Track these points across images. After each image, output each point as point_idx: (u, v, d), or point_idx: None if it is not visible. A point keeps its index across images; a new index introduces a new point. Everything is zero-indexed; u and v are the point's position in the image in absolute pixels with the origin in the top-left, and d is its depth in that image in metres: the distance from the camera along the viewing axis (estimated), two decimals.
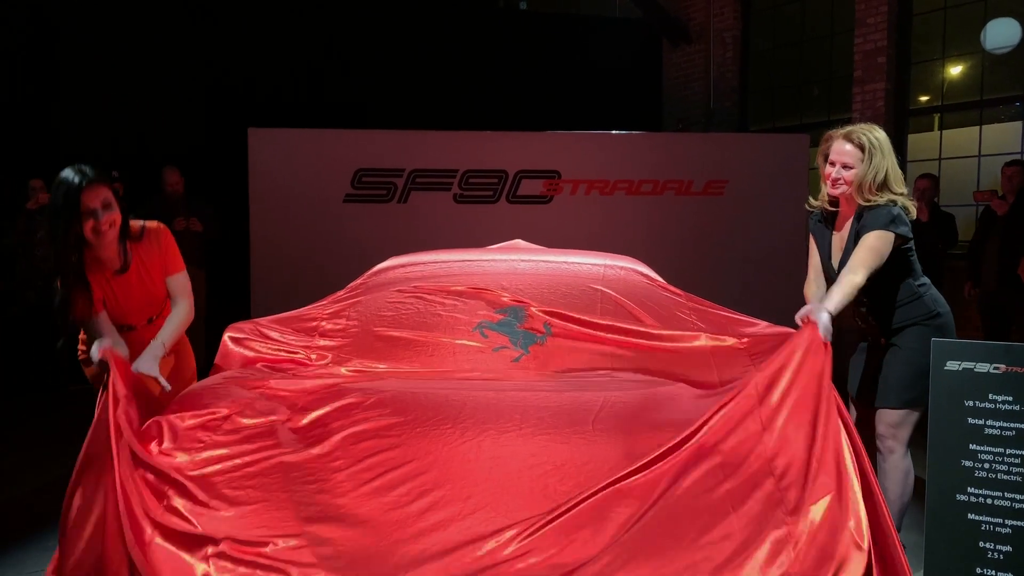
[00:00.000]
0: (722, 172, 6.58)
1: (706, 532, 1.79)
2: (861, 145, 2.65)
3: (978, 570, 2.42)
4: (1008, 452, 2.42)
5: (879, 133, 2.69)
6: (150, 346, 2.62)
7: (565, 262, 3.35)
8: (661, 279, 3.31)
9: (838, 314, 2.37)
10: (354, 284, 3.30)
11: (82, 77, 6.78)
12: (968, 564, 2.43)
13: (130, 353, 2.53)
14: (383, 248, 4.10)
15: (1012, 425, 2.42)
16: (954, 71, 6.90)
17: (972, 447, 2.46)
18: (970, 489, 2.45)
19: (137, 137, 6.95)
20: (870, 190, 2.64)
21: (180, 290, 2.84)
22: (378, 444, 2.09)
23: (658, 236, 6.39)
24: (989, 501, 2.43)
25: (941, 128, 7.01)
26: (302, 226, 6.19)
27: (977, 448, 2.45)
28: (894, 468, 2.74)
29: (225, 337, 2.91)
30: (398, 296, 3.13)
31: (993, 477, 2.43)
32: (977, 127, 6.70)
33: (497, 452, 2.05)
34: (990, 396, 2.45)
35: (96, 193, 2.53)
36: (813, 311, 2.27)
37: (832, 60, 7.66)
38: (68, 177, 2.50)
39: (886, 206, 2.62)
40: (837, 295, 2.45)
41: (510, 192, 6.46)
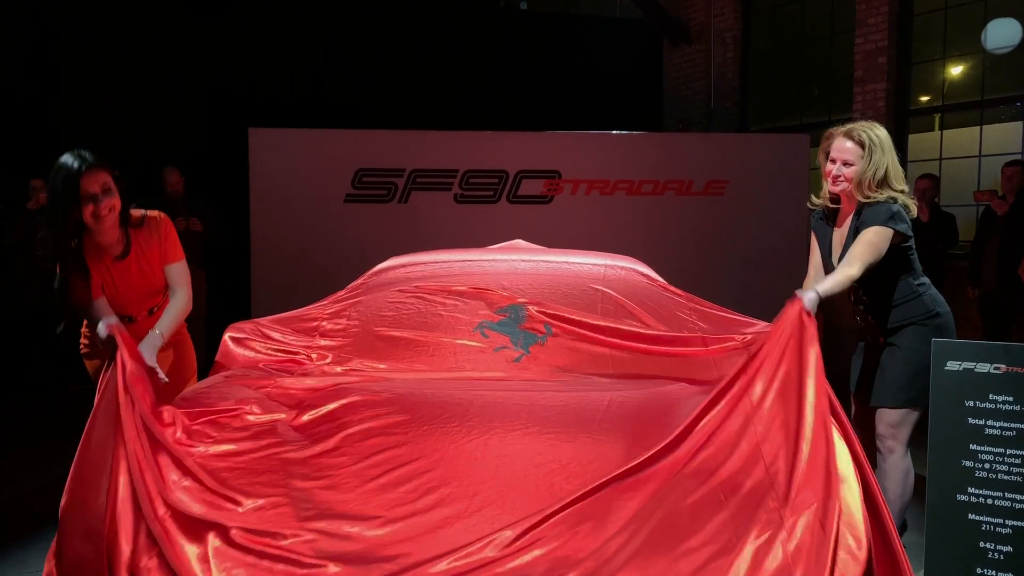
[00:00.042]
0: (722, 172, 6.57)
1: (701, 528, 1.80)
2: (861, 142, 2.66)
3: (978, 570, 2.42)
4: (1008, 452, 2.42)
5: (880, 131, 2.70)
6: (148, 336, 2.60)
7: (566, 262, 3.35)
8: (661, 279, 3.31)
9: (838, 314, 2.37)
10: (355, 284, 3.29)
11: (82, 77, 6.78)
12: (968, 564, 2.43)
13: None
14: (384, 248, 4.09)
15: (1012, 425, 2.42)
16: (955, 71, 6.90)
17: (972, 447, 2.46)
18: (970, 489, 2.45)
19: (137, 137, 6.95)
20: (870, 187, 2.65)
21: (179, 279, 2.80)
22: (385, 441, 2.10)
23: (658, 236, 6.39)
24: (989, 501, 2.43)
25: (942, 128, 7.01)
26: (302, 226, 6.18)
27: (977, 448, 2.46)
28: (894, 468, 2.74)
29: (226, 337, 2.92)
30: (399, 296, 3.13)
31: (993, 477, 2.43)
32: (978, 127, 6.70)
33: (503, 450, 2.06)
34: (990, 396, 2.45)
35: (96, 178, 2.50)
36: (801, 292, 2.30)
37: (832, 60, 7.66)
38: (67, 162, 2.47)
39: (886, 203, 2.63)
40: (830, 281, 2.48)
41: (511, 192, 6.45)
